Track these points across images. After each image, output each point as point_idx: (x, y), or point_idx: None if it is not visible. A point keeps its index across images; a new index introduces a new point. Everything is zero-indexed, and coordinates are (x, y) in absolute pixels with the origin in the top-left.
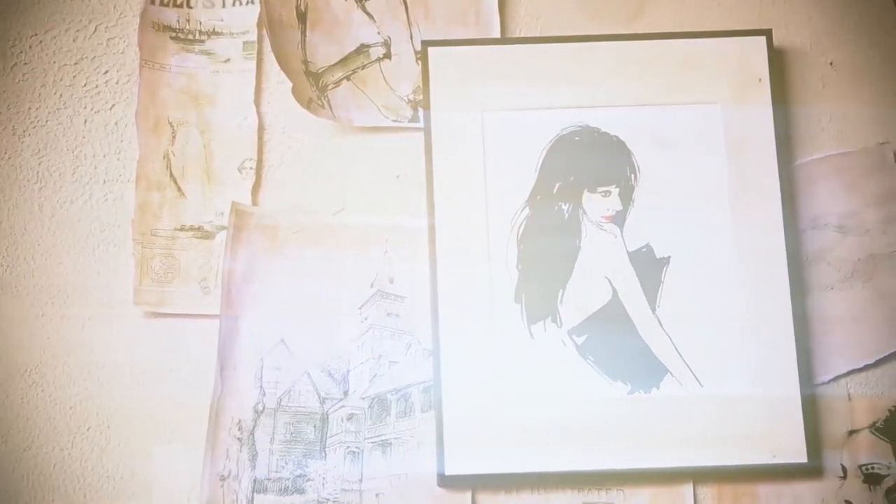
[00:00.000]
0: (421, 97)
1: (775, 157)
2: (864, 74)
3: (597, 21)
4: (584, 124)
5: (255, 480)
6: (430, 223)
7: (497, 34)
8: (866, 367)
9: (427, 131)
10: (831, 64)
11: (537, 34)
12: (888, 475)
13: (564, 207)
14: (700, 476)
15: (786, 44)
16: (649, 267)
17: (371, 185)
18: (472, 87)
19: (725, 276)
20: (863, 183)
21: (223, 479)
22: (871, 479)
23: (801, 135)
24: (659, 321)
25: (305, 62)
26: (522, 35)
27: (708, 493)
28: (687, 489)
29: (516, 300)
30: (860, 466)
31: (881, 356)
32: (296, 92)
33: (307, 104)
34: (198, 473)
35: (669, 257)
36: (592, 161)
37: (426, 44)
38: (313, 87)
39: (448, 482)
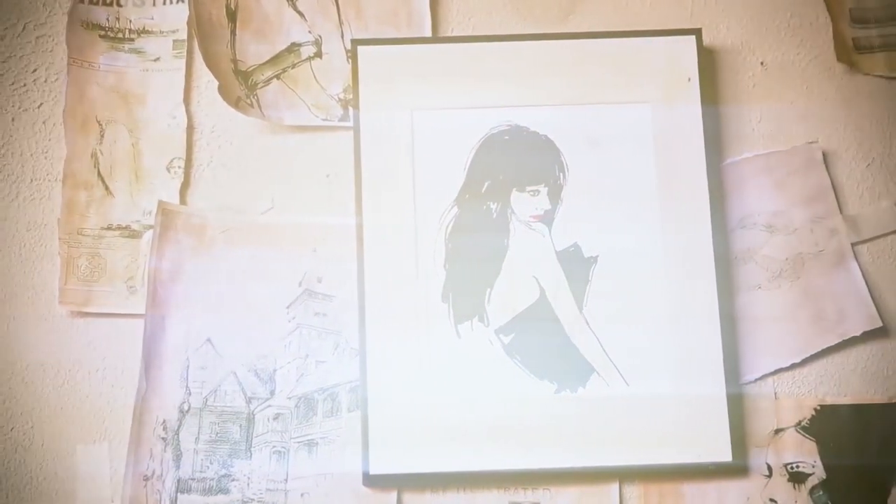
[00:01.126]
0: (351, 96)
1: (704, 156)
2: (794, 74)
3: (528, 20)
4: (513, 123)
5: (178, 480)
6: (358, 222)
7: (428, 33)
8: (793, 366)
9: (356, 130)
10: (762, 64)
11: (469, 33)
12: (812, 474)
13: (493, 206)
14: (626, 475)
15: (716, 43)
16: (577, 266)
17: (300, 185)
18: (402, 86)
19: (653, 275)
20: (791, 182)
21: (146, 478)
22: (796, 477)
23: (731, 134)
24: (586, 320)
25: (235, 61)
26: (454, 34)
27: (634, 492)
28: (613, 488)
29: (443, 299)
30: (785, 465)
31: (807, 355)
32: (224, 91)
33: (235, 103)
34: (121, 473)
35: (597, 256)
36: (521, 160)
37: (356, 42)
38: (242, 85)
39: (373, 481)
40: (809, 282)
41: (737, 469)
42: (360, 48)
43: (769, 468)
